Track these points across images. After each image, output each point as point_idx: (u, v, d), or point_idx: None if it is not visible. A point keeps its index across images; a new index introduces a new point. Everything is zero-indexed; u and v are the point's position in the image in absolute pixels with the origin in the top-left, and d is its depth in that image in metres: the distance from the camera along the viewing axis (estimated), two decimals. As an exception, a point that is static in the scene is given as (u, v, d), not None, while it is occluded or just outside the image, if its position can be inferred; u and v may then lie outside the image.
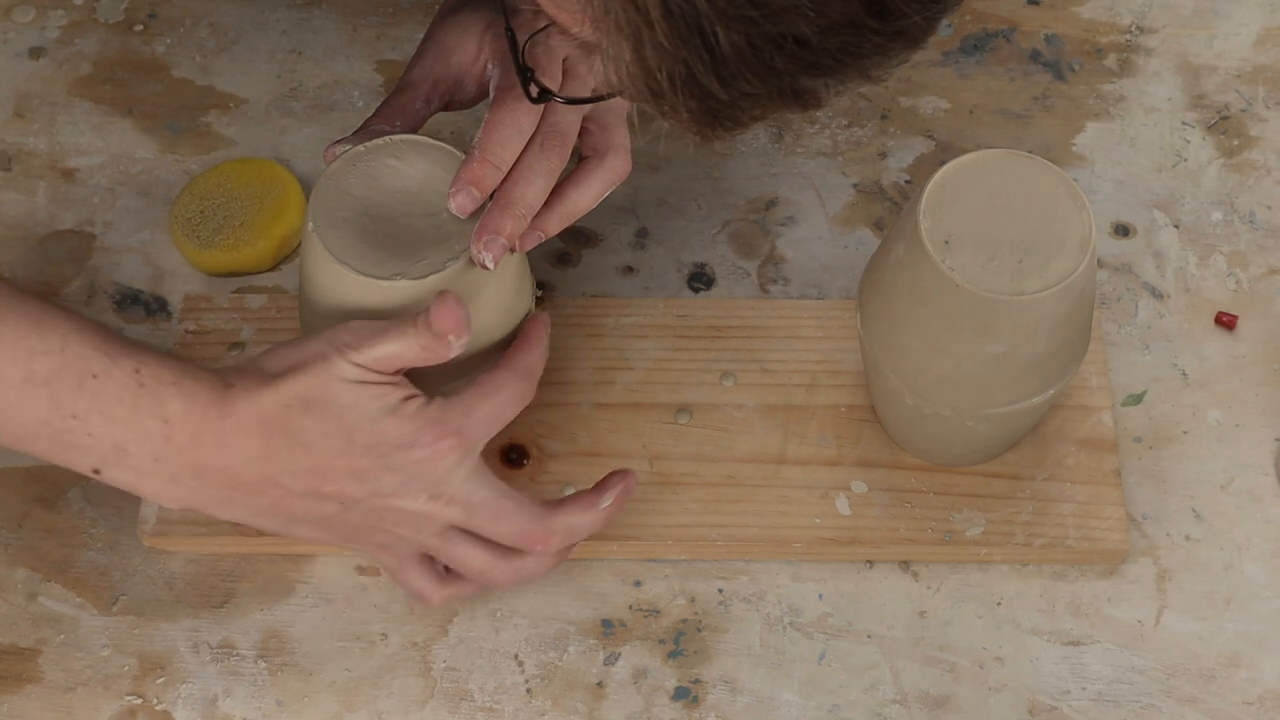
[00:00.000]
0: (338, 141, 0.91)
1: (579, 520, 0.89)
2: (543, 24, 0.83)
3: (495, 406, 0.86)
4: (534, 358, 0.89)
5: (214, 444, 0.82)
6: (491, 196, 0.88)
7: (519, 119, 0.88)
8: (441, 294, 0.83)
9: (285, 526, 0.86)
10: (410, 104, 0.92)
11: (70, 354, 0.81)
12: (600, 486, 0.90)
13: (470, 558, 0.88)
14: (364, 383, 0.83)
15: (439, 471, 0.85)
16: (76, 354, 0.81)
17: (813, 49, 0.66)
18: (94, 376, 0.81)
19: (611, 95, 0.82)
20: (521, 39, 0.83)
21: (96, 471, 0.83)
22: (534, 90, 0.83)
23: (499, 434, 0.98)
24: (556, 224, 0.91)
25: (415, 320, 0.83)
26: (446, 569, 0.91)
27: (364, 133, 0.91)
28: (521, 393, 0.88)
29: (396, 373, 0.85)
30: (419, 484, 0.85)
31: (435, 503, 0.85)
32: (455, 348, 0.84)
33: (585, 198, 0.92)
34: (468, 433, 0.85)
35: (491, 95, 0.90)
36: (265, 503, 0.85)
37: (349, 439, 0.83)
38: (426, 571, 0.90)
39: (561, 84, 0.89)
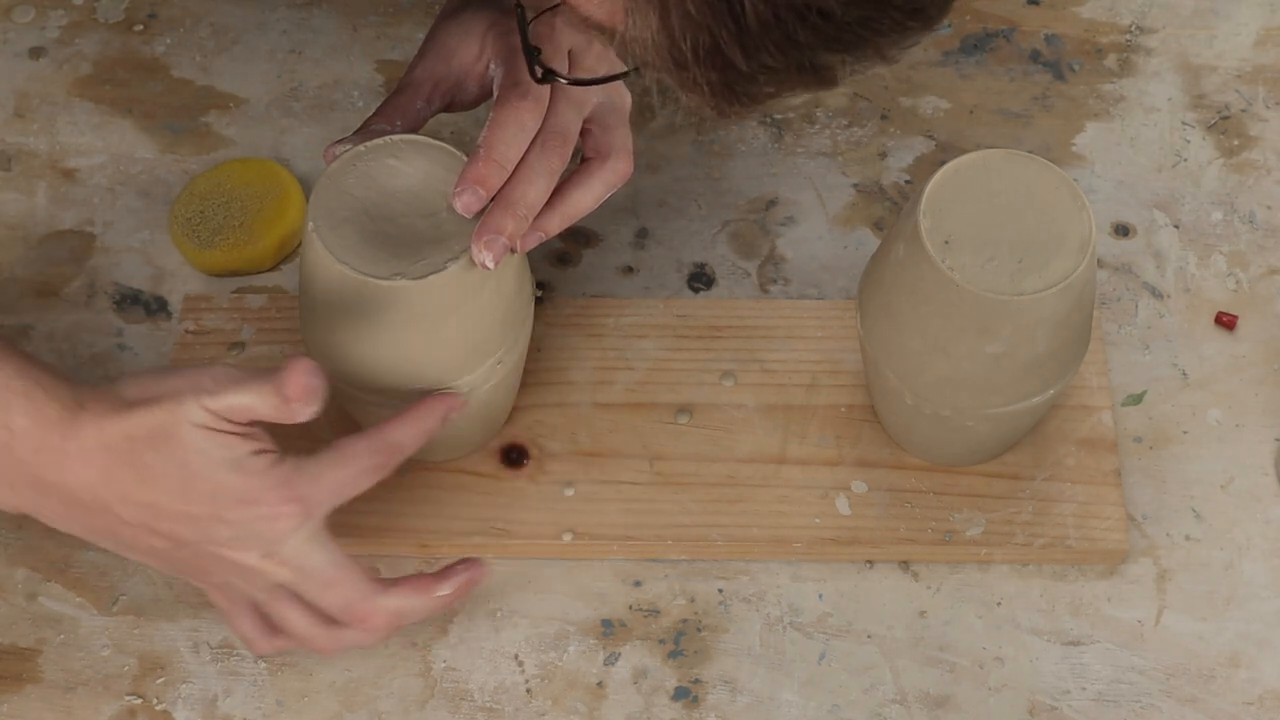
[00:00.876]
0: (338, 142, 0.91)
1: (410, 604, 0.88)
2: (552, 3, 0.83)
3: (346, 476, 0.85)
4: (404, 434, 0.87)
5: (54, 463, 0.82)
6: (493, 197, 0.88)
7: (522, 117, 0.88)
8: (295, 361, 0.82)
9: (119, 549, 0.86)
10: (411, 104, 0.92)
11: None
12: (443, 574, 0.89)
13: (294, 621, 0.87)
14: (213, 429, 0.82)
15: (275, 533, 0.84)
16: None
17: (835, 22, 0.67)
18: None
19: (621, 76, 0.83)
20: (530, 17, 0.83)
21: None
22: (538, 71, 0.83)
23: (499, 434, 0.99)
24: (557, 224, 0.91)
25: (270, 379, 0.82)
26: None
27: (364, 132, 0.91)
28: (377, 466, 0.86)
29: (250, 424, 0.83)
30: (253, 540, 0.84)
31: (267, 561, 0.84)
32: (303, 415, 0.82)
33: (586, 198, 0.92)
34: (313, 499, 0.84)
35: (495, 94, 0.90)
36: (100, 524, 0.84)
37: (188, 483, 0.82)
38: (256, 621, 0.89)
39: (567, 72, 0.89)
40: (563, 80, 0.84)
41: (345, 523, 0.96)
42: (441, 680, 0.94)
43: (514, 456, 0.99)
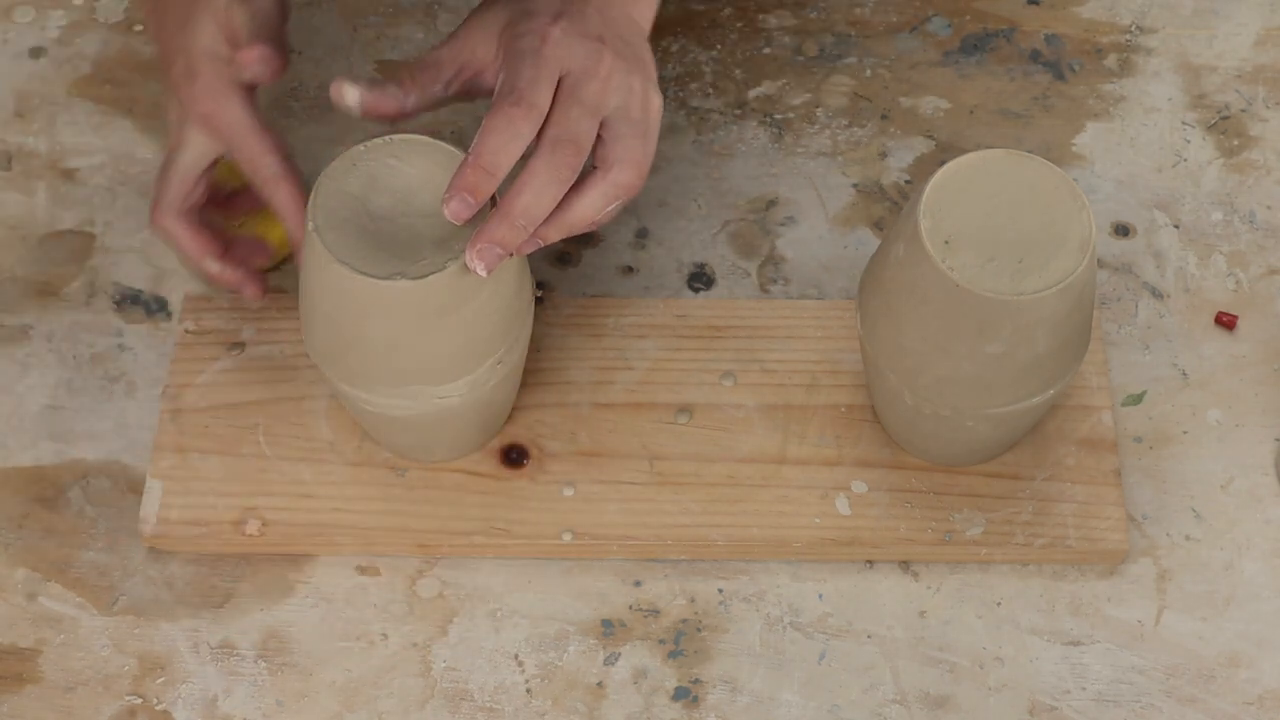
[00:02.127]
0: (346, 81, 0.90)
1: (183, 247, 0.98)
2: None
3: None
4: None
5: None
6: (493, 201, 0.87)
7: (516, 124, 0.86)
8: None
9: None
10: (431, 83, 0.91)
11: None
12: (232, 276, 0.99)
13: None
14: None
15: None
16: None
17: None
18: None
19: None
20: None
21: None
22: None
23: (499, 434, 0.99)
24: (555, 234, 0.89)
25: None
26: None
27: (377, 89, 0.91)
28: None
29: None
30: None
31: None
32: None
33: (586, 210, 0.90)
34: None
35: (493, 100, 0.89)
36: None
37: None
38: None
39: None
40: None
41: (345, 523, 0.96)
42: (441, 680, 0.94)
43: (514, 456, 0.99)
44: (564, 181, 0.87)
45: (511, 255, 0.87)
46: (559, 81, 0.88)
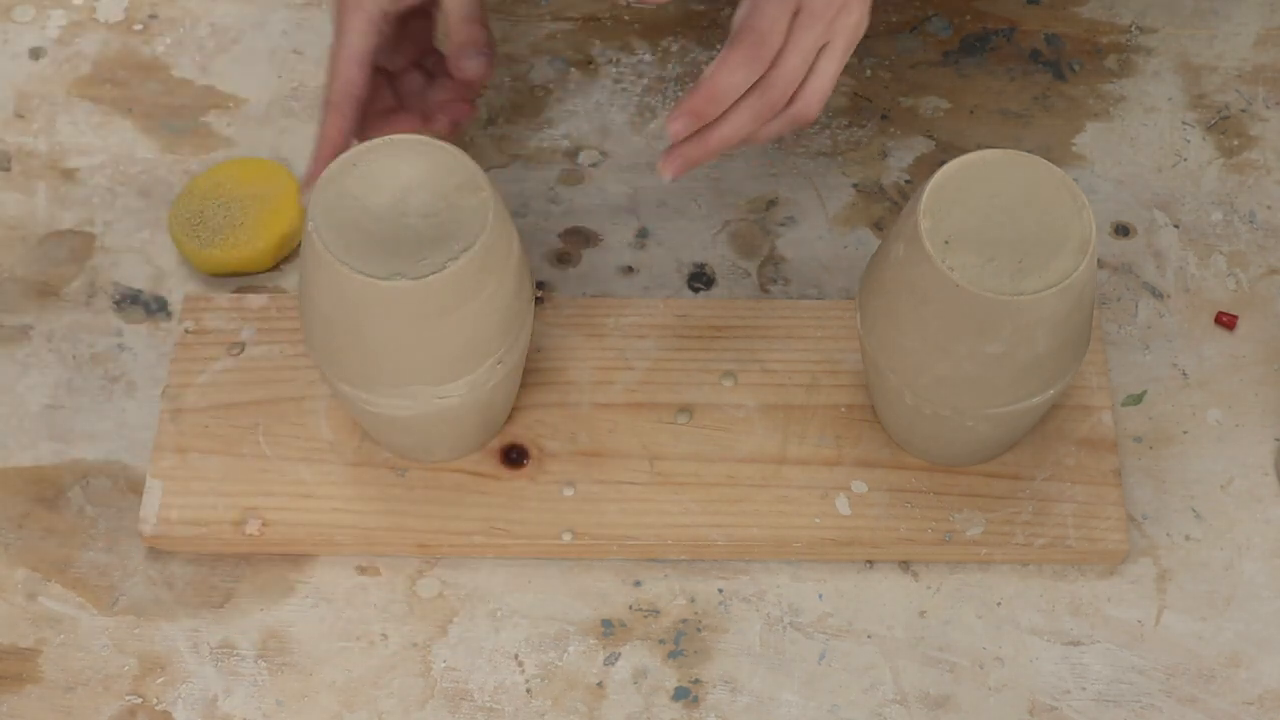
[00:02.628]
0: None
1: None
2: None
3: None
4: None
5: None
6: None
7: (751, 65, 0.92)
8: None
9: None
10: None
11: None
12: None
13: None
14: None
15: None
16: None
17: None
18: None
19: None
20: None
21: None
22: None
23: (499, 434, 0.99)
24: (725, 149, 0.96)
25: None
26: None
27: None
28: None
29: None
30: None
31: None
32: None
33: (762, 137, 0.95)
34: None
35: (734, 31, 0.93)
36: None
37: None
38: None
39: None
40: None
41: (345, 523, 0.96)
42: (441, 680, 0.94)
43: (514, 456, 0.99)
44: (764, 121, 0.94)
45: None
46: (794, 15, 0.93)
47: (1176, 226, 1.08)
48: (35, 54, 1.15)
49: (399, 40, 1.00)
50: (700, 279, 1.06)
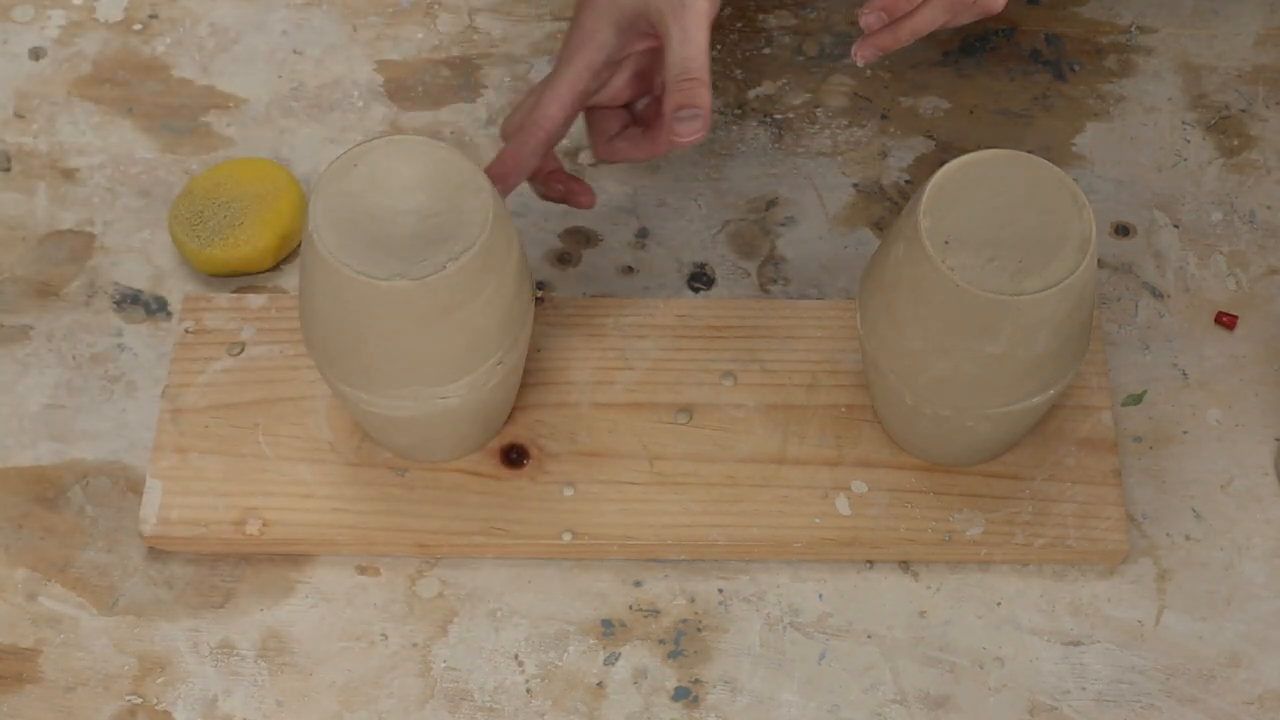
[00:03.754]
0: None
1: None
2: None
3: None
4: None
5: None
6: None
7: None
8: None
9: None
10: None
11: None
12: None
13: None
14: None
15: None
16: None
17: None
18: None
19: None
20: None
21: None
22: None
23: (499, 434, 0.99)
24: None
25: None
26: None
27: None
28: None
29: None
30: None
31: None
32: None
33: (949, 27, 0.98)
34: None
35: None
36: None
37: None
38: None
39: None
40: None
41: (345, 523, 0.96)
42: (441, 680, 0.94)
43: (514, 456, 0.99)
44: (955, 13, 0.96)
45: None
46: None
47: (1176, 226, 1.08)
48: (35, 54, 1.15)
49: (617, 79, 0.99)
50: (700, 279, 1.06)
